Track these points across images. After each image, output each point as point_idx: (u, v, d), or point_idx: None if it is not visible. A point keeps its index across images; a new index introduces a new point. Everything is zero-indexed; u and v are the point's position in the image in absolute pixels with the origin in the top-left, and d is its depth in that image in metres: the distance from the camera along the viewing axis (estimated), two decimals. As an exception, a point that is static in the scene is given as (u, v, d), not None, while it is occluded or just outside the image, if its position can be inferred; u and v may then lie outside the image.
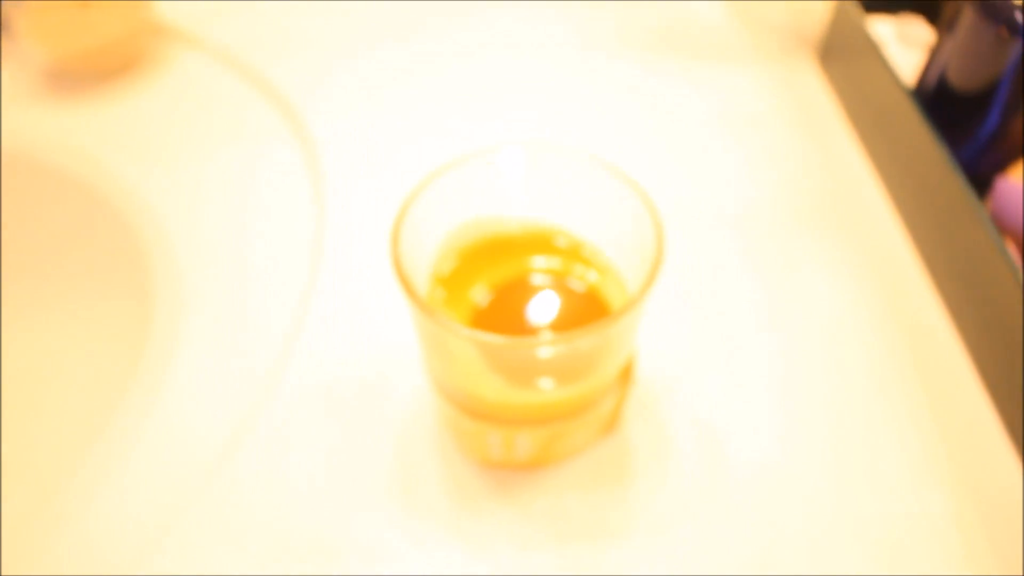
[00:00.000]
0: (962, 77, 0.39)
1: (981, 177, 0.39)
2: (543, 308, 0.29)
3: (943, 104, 0.40)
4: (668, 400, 0.33)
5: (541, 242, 0.30)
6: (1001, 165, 0.39)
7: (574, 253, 0.30)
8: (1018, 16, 0.35)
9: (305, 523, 0.30)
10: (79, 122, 0.48)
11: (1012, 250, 0.36)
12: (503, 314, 0.29)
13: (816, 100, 0.48)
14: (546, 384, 0.27)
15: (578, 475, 0.31)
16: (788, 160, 0.44)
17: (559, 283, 0.30)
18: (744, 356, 0.35)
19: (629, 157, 0.42)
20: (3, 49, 0.53)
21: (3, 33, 0.53)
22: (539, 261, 0.30)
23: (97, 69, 0.50)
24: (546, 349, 0.25)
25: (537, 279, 0.30)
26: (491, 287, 0.29)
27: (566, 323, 0.28)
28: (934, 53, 0.40)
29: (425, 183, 0.27)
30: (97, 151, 0.46)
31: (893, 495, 0.31)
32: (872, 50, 0.43)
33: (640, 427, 0.32)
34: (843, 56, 0.47)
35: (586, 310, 0.29)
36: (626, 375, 0.29)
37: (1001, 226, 0.36)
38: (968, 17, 0.37)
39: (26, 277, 0.50)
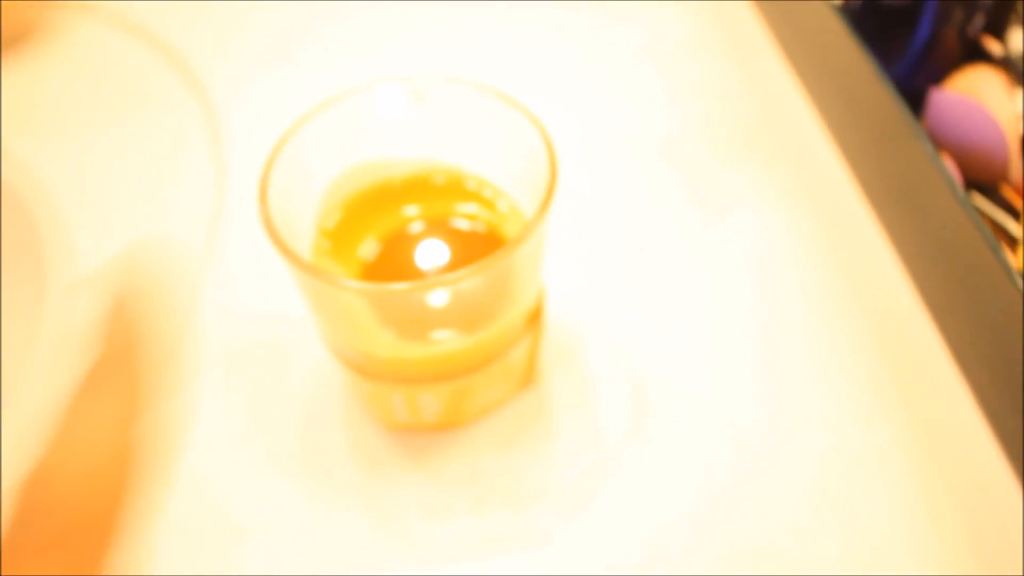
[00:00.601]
0: (890, -13, 0.36)
1: (915, 92, 0.36)
2: (435, 255, 0.27)
3: (873, 18, 0.38)
4: (588, 347, 0.31)
5: (428, 184, 0.28)
6: (935, 78, 0.37)
7: (471, 194, 0.28)
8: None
9: (208, 497, 0.28)
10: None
11: (949, 164, 0.34)
12: (395, 266, 0.26)
13: (743, 24, 0.45)
14: (443, 335, 0.25)
15: (494, 434, 0.29)
16: (716, 88, 0.42)
17: (455, 228, 0.27)
18: (671, 294, 0.33)
19: (548, 93, 0.40)
20: None
21: None
22: (432, 206, 0.28)
23: (-17, 43, 0.47)
24: (436, 293, 0.23)
25: (427, 225, 0.27)
26: (381, 239, 0.27)
27: (462, 267, 0.26)
28: (861, -35, 0.38)
29: (296, 126, 0.25)
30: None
31: (835, 432, 0.29)
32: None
33: (559, 378, 0.30)
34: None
35: (482, 252, 0.26)
36: (534, 320, 0.27)
37: (937, 141, 0.34)
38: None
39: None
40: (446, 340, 0.25)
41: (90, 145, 0.42)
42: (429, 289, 0.22)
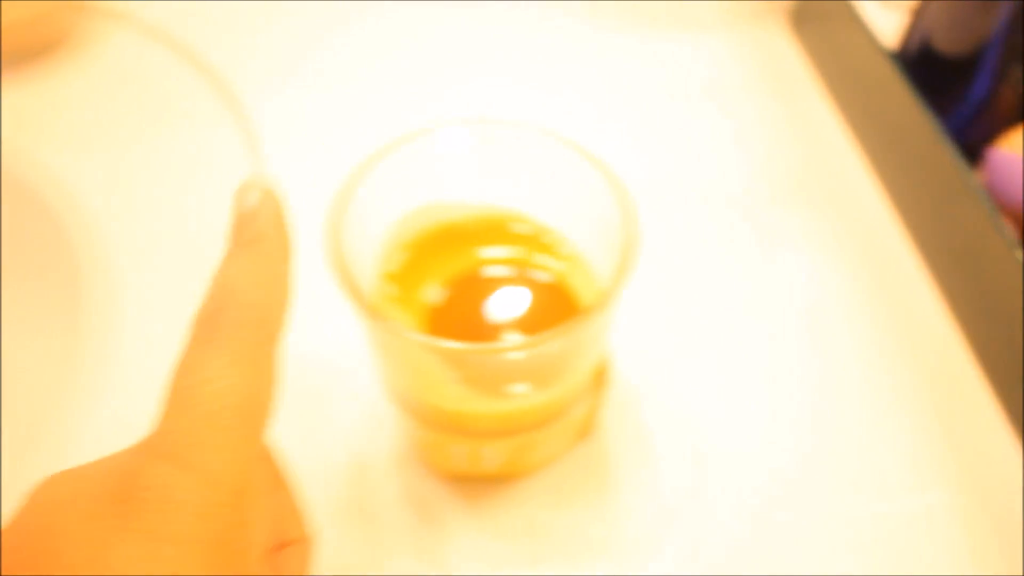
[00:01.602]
0: (948, 40, 0.36)
1: (970, 146, 0.36)
2: (505, 304, 0.26)
3: (928, 69, 0.37)
4: (645, 400, 0.31)
5: (497, 229, 0.27)
6: (991, 134, 0.36)
7: (535, 240, 0.27)
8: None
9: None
10: (-5, 106, 0.44)
11: (1008, 225, 0.33)
12: (461, 313, 0.26)
13: (789, 67, 0.45)
14: (513, 391, 0.24)
15: (552, 486, 0.28)
16: (762, 131, 0.41)
17: (520, 275, 0.27)
18: (724, 347, 0.32)
19: (590, 131, 0.39)
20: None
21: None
22: (496, 251, 0.27)
23: (14, 47, 0.46)
24: (514, 354, 0.22)
25: (495, 271, 0.27)
26: (446, 282, 0.26)
27: (531, 319, 0.26)
28: (918, 14, 0.38)
29: (363, 168, 0.24)
30: (14, 137, 0.42)
31: (886, 488, 0.29)
32: (849, 12, 0.40)
33: (616, 431, 0.30)
34: (818, 19, 0.45)
35: (552, 304, 0.26)
36: (600, 376, 0.27)
37: (996, 200, 0.34)
38: (954, -25, 0.34)
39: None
40: (516, 397, 0.24)
41: (122, 156, 0.41)
42: (511, 351, 0.22)
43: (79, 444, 0.31)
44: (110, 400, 0.32)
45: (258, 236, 0.19)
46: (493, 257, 0.27)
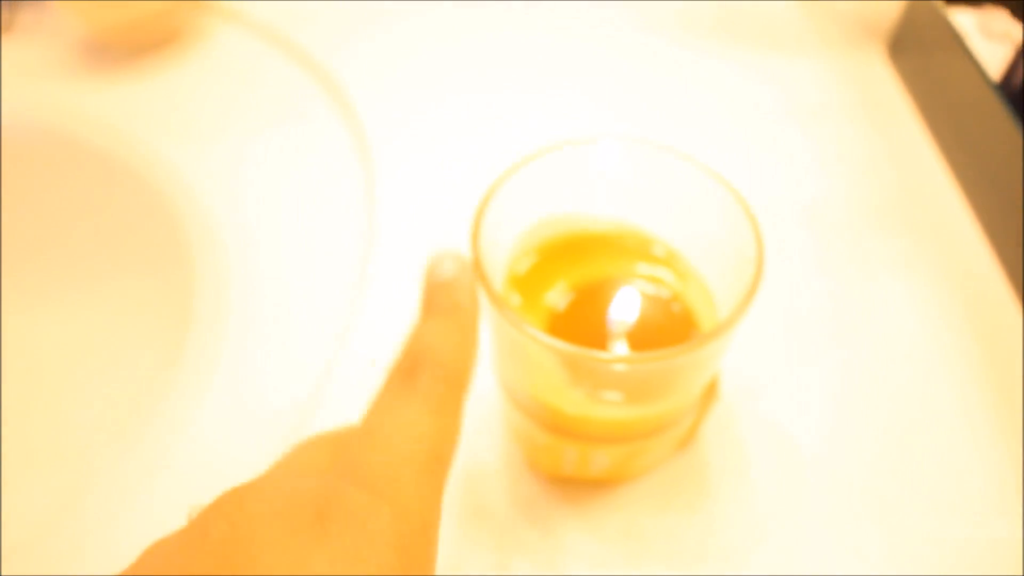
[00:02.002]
0: (1056, 76, 0.36)
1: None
2: (624, 315, 0.27)
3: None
4: (743, 414, 0.31)
5: (625, 243, 0.28)
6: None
7: (659, 257, 0.28)
8: None
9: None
10: (116, 97, 0.46)
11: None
12: (582, 320, 0.27)
13: (885, 94, 0.45)
14: (630, 400, 0.25)
15: (653, 493, 0.29)
16: (856, 156, 0.42)
17: (642, 289, 0.28)
18: (821, 368, 0.33)
19: (688, 149, 0.40)
20: (39, 22, 0.51)
21: (42, 5, 0.51)
22: (621, 263, 0.28)
23: (135, 42, 0.48)
24: (636, 366, 0.23)
25: (619, 283, 0.28)
26: (569, 289, 0.28)
27: (649, 333, 0.27)
28: (1022, 50, 0.38)
29: (507, 175, 0.25)
30: (134, 128, 0.44)
31: (981, 518, 0.29)
32: (953, 43, 0.40)
33: (715, 442, 0.31)
34: (917, 49, 0.45)
35: (669, 321, 0.27)
36: (710, 391, 0.27)
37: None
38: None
39: (58, 257, 0.49)
40: (632, 406, 0.25)
41: (235, 150, 0.43)
42: (639, 362, 0.23)
43: (189, 427, 0.32)
44: (218, 385, 0.33)
45: (455, 306, 0.20)
46: (617, 271, 0.28)
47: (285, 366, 0.34)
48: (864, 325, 0.35)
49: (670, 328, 0.27)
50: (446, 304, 0.20)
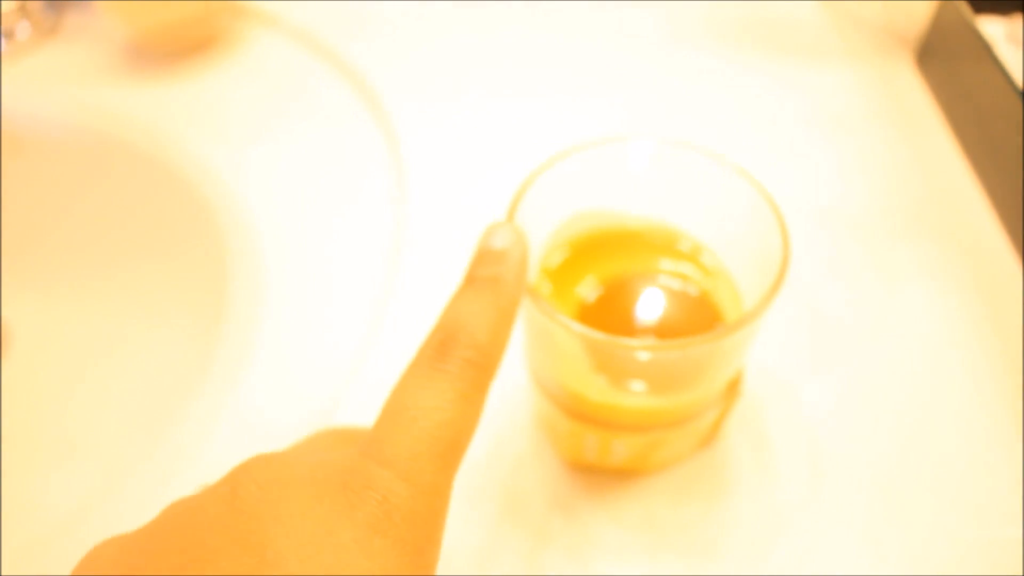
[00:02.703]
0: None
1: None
2: (651, 309, 0.28)
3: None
4: (767, 413, 0.32)
5: (654, 239, 0.29)
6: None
7: (688, 254, 0.29)
8: None
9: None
10: (156, 98, 0.47)
11: None
12: (610, 312, 0.27)
13: (912, 102, 0.46)
14: (651, 390, 0.26)
15: (672, 486, 0.30)
16: (883, 163, 0.42)
17: (670, 285, 0.28)
18: (845, 371, 0.33)
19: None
20: (83, 24, 0.53)
21: (83, 6, 0.53)
22: (651, 259, 0.29)
23: (175, 46, 0.50)
24: (659, 354, 0.24)
25: (647, 277, 0.28)
26: (599, 283, 0.28)
27: (675, 326, 0.27)
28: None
29: (540, 170, 0.26)
30: (173, 127, 0.46)
31: (1003, 520, 0.29)
32: (982, 50, 0.41)
33: (737, 441, 0.31)
34: (944, 57, 0.45)
35: (696, 316, 0.27)
36: (733, 388, 0.28)
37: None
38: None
39: (99, 254, 0.50)
40: (653, 396, 0.26)
41: (273, 150, 0.44)
42: (658, 351, 0.23)
43: (222, 413, 0.33)
44: (251, 376, 0.34)
45: (499, 278, 0.20)
46: (646, 266, 0.29)
47: (317, 358, 0.34)
48: (888, 330, 0.35)
49: (696, 322, 0.27)
50: (489, 275, 0.20)
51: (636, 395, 0.26)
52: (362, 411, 0.32)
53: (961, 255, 0.38)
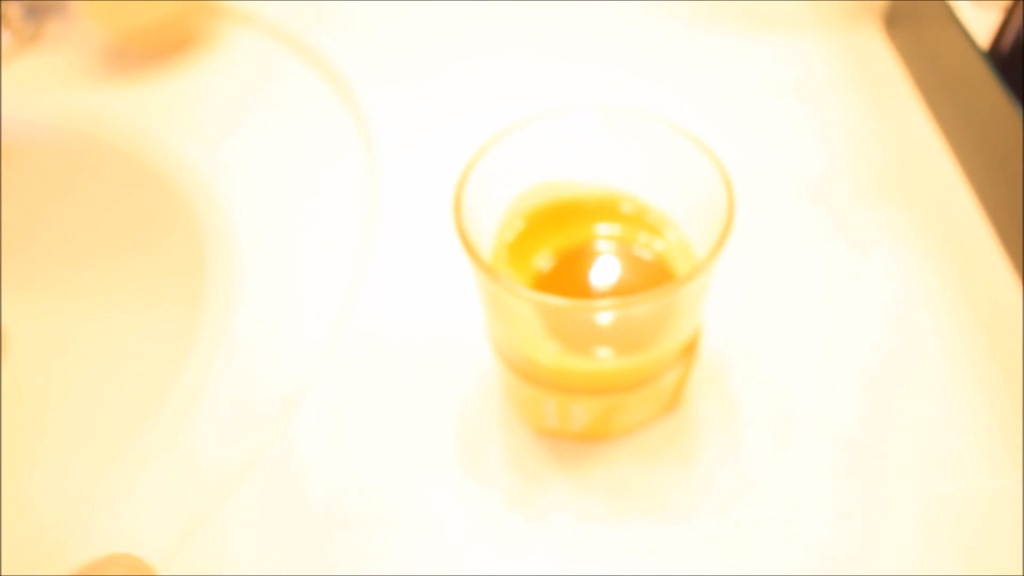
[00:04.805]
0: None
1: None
2: (606, 275, 0.28)
3: (1018, 65, 0.38)
4: (734, 378, 0.32)
5: (609, 208, 0.29)
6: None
7: (641, 220, 0.29)
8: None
9: (363, 489, 0.30)
10: (136, 99, 0.48)
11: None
12: (566, 280, 0.28)
13: (882, 68, 0.46)
14: (602, 353, 0.26)
15: (637, 450, 0.30)
16: (853, 129, 0.42)
17: (625, 251, 0.29)
18: (812, 332, 0.34)
19: (686, 123, 0.41)
20: (63, 31, 0.53)
21: (62, 13, 0.54)
22: (605, 228, 0.29)
23: (153, 47, 0.51)
24: (603, 314, 0.24)
25: (603, 246, 0.29)
26: (555, 253, 0.29)
27: (629, 290, 0.28)
28: (1010, 13, 0.38)
29: (490, 143, 0.26)
30: (153, 126, 0.47)
31: (969, 478, 0.30)
32: (943, 12, 0.41)
33: (703, 405, 0.31)
34: (911, 21, 0.45)
35: (650, 279, 0.28)
36: (690, 350, 0.28)
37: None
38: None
39: (84, 253, 0.51)
40: (604, 359, 0.26)
41: (249, 146, 0.45)
42: (597, 310, 0.24)
43: (200, 404, 0.34)
44: (227, 368, 0.35)
45: None
46: (601, 233, 0.29)
47: (290, 347, 0.35)
48: (857, 290, 0.35)
49: (650, 285, 0.28)
50: None
51: (587, 358, 0.26)
52: (339, 392, 0.33)
53: (930, 218, 0.38)
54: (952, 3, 0.41)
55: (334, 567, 0.28)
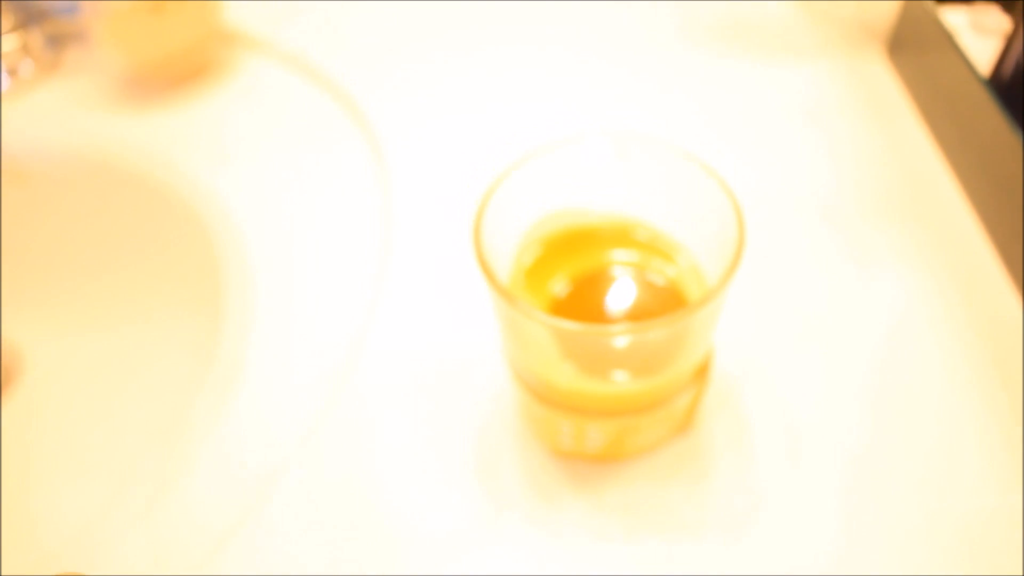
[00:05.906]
0: (1042, 67, 0.37)
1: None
2: (621, 301, 0.29)
3: (1019, 92, 0.39)
4: (744, 398, 0.33)
5: (623, 235, 0.30)
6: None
7: (654, 247, 0.30)
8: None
9: (382, 509, 0.31)
10: (154, 126, 0.50)
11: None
12: (581, 305, 0.29)
13: (885, 93, 0.47)
14: (619, 376, 0.27)
15: (651, 470, 0.31)
16: (858, 154, 0.43)
17: (638, 277, 0.30)
18: (820, 352, 0.34)
19: (696, 151, 0.42)
20: (83, 59, 0.55)
21: (82, 42, 0.55)
22: (620, 254, 0.30)
23: (172, 75, 0.52)
24: (618, 339, 0.25)
25: (617, 272, 0.30)
26: (571, 278, 0.30)
27: (644, 316, 0.28)
28: (1010, 41, 0.39)
29: (509, 171, 0.27)
30: (171, 153, 0.48)
31: (977, 496, 0.30)
32: (944, 40, 0.42)
33: (715, 426, 0.32)
34: (913, 47, 0.46)
35: (665, 305, 0.29)
36: (702, 373, 0.29)
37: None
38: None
39: (103, 278, 0.52)
40: (619, 382, 0.27)
41: (265, 173, 0.46)
42: (611, 335, 0.25)
43: (218, 425, 0.35)
44: (244, 389, 0.36)
45: None
46: (616, 259, 0.30)
47: (308, 369, 0.36)
48: (862, 312, 0.36)
49: (664, 310, 0.28)
50: None
51: (602, 381, 0.27)
52: (358, 413, 0.34)
53: (934, 240, 0.39)
54: (953, 30, 0.42)
55: (355, 586, 0.29)
